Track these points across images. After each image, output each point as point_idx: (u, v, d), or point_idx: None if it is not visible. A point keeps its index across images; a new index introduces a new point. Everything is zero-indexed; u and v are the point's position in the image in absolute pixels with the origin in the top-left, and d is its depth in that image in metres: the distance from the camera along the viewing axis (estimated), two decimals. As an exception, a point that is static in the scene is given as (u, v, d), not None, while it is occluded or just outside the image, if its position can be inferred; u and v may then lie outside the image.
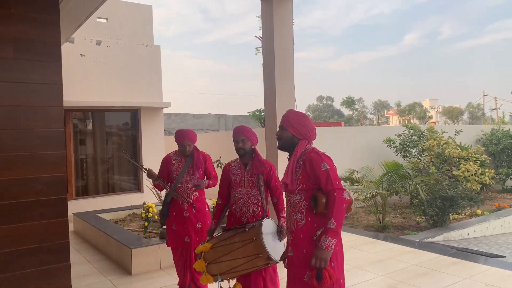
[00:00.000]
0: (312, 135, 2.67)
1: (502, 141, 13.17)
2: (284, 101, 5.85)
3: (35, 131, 2.82)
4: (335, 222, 2.35)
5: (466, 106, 71.93)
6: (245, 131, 3.43)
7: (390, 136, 11.53)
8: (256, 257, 2.93)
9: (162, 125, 11.01)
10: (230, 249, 3.01)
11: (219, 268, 3.04)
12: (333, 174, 2.46)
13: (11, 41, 2.73)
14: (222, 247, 3.06)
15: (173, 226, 4.06)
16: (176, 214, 4.05)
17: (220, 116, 25.79)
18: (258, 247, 2.91)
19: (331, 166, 2.49)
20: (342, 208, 2.38)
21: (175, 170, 4.08)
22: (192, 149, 4.08)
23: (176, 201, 4.06)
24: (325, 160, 2.50)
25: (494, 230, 9.09)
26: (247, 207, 3.37)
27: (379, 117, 73.41)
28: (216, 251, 3.07)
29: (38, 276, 2.82)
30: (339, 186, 2.43)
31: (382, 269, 5.11)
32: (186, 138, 4.01)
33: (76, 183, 9.91)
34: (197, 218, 4.02)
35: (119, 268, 5.52)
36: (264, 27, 6.06)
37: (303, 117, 2.69)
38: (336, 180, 2.45)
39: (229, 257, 3.00)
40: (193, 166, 4.04)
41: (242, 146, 3.39)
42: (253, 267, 2.99)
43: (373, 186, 8.29)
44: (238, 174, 3.46)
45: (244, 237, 3.00)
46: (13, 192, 2.74)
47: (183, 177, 4.03)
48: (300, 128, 2.63)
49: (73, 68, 9.32)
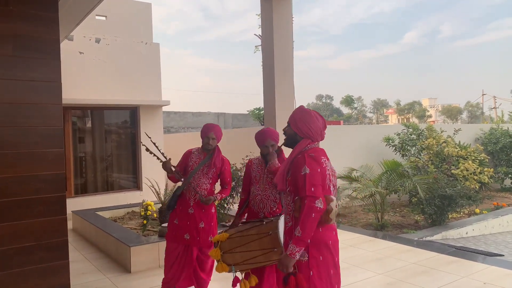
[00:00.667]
0: (315, 135, 2.57)
1: (501, 140, 13.19)
2: (284, 99, 5.85)
3: (34, 128, 2.81)
4: (300, 230, 2.29)
5: (465, 105, 72.08)
6: (274, 135, 3.47)
7: (389, 135, 11.54)
8: (271, 251, 2.96)
9: (161, 123, 11.00)
10: (246, 241, 3.05)
11: (234, 259, 3.08)
12: (310, 179, 2.36)
13: (10, 38, 2.72)
14: (238, 238, 3.09)
15: (175, 220, 4.02)
16: (181, 209, 4.01)
17: (220, 114, 25.79)
18: (274, 241, 2.94)
19: (312, 171, 2.38)
20: (310, 216, 2.29)
21: (191, 164, 4.03)
22: (214, 146, 4.03)
23: (184, 196, 4.02)
24: (308, 163, 2.40)
25: (493, 229, 9.11)
26: (264, 204, 3.42)
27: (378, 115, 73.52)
28: (233, 241, 3.11)
29: (37, 273, 2.82)
30: (312, 193, 2.33)
31: (381, 268, 5.11)
32: (212, 130, 3.97)
33: (75, 181, 9.90)
34: (201, 217, 3.97)
35: (118, 266, 5.52)
36: (263, 25, 6.06)
37: (307, 115, 2.60)
38: (312, 187, 2.34)
39: (244, 249, 3.04)
40: (210, 163, 4.00)
41: (272, 151, 3.45)
42: (267, 260, 3.02)
43: (372, 185, 8.30)
44: (258, 171, 3.51)
45: (260, 230, 3.04)
46: (12, 190, 2.74)
47: (197, 173, 3.99)
48: (302, 126, 2.56)
49: (72, 65, 9.30)
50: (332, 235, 2.49)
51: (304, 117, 2.58)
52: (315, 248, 2.39)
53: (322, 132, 2.62)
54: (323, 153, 2.56)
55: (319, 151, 2.53)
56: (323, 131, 2.62)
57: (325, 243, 2.41)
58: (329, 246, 2.43)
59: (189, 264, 3.98)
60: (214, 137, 3.98)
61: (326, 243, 2.41)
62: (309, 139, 2.56)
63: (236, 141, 11.05)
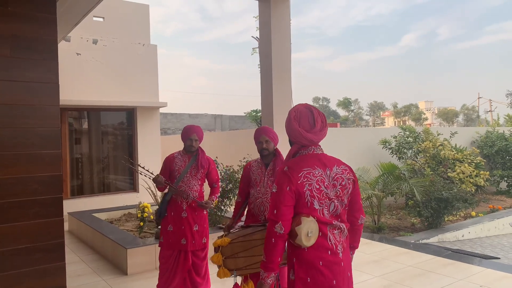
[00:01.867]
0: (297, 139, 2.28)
1: (497, 143, 13.25)
2: (281, 101, 5.85)
3: (31, 129, 2.80)
4: (264, 255, 2.19)
5: (461, 108, 72.38)
6: (269, 132, 3.44)
7: (385, 138, 11.57)
8: None
9: (158, 124, 10.99)
10: (249, 246, 3.00)
11: (236, 264, 3.04)
12: (274, 200, 2.17)
13: (8, 39, 2.72)
14: (240, 243, 3.05)
15: (169, 227, 3.98)
16: (174, 215, 3.98)
17: (217, 116, 25.79)
18: None
19: (279, 190, 2.15)
20: (270, 241, 2.15)
21: (177, 169, 4.00)
22: (197, 147, 4.03)
23: (175, 201, 3.99)
24: (278, 181, 2.18)
25: (489, 232, 9.15)
26: (265, 207, 3.40)
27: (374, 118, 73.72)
28: (235, 246, 3.06)
29: (33, 275, 2.80)
30: (273, 216, 2.14)
31: (378, 270, 5.12)
32: (193, 132, 3.97)
33: (71, 183, 9.86)
34: (194, 220, 3.98)
35: (114, 268, 5.50)
36: (261, 27, 6.07)
37: (287, 119, 2.35)
38: (274, 208, 2.14)
39: (247, 254, 3.00)
40: (197, 165, 4.00)
41: (266, 147, 3.41)
42: None
43: (368, 187, 8.32)
44: (259, 173, 3.48)
45: (264, 235, 3.03)
46: (9, 191, 2.72)
47: (185, 176, 3.98)
48: (287, 131, 2.36)
49: (69, 67, 9.28)
50: (324, 256, 2.16)
51: (286, 122, 2.36)
52: (302, 269, 2.17)
53: (306, 135, 2.24)
54: (311, 163, 2.20)
55: (300, 162, 2.21)
56: (307, 133, 2.24)
57: (312, 264, 2.15)
58: (318, 267, 2.14)
59: (182, 270, 3.96)
60: (196, 138, 3.98)
61: (313, 264, 2.15)
62: (296, 144, 2.31)
63: (233, 143, 11.05)
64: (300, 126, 2.26)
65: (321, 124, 2.30)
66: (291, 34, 6.10)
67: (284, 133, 2.58)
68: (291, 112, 2.34)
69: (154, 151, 10.46)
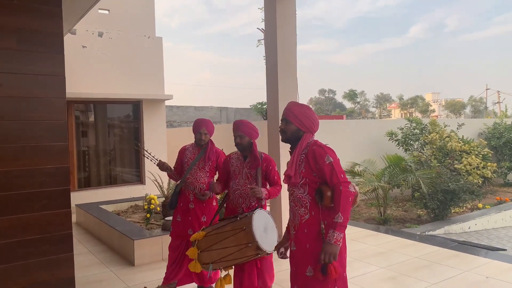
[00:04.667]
0: (315, 127, 2.63)
1: (505, 135, 13.14)
2: (287, 94, 5.83)
3: (38, 122, 2.82)
4: (342, 216, 2.33)
5: (468, 99, 71.69)
6: (242, 126, 3.42)
7: (392, 130, 11.51)
8: (246, 247, 2.93)
9: (164, 117, 11.02)
10: (222, 238, 3.03)
11: (211, 257, 3.06)
12: (338, 167, 2.42)
13: (14, 32, 2.72)
14: (214, 236, 3.09)
15: (178, 217, 4.10)
16: (182, 205, 4.09)
17: (222, 108, 25.77)
18: (248, 236, 2.91)
19: (335, 159, 2.45)
20: (348, 201, 2.36)
21: (187, 160, 4.10)
22: (207, 140, 4.07)
23: (184, 193, 4.10)
24: (329, 152, 2.45)
25: (495, 224, 9.11)
26: (243, 198, 3.42)
27: (381, 110, 73.27)
28: (209, 239, 3.10)
29: (41, 266, 2.84)
30: (344, 179, 2.39)
31: (384, 262, 5.13)
32: (203, 126, 4.02)
33: (78, 175, 9.94)
34: (202, 211, 4.03)
35: (122, 259, 5.56)
36: (267, 19, 6.03)
37: (307, 109, 2.65)
38: (341, 173, 2.41)
39: (220, 246, 3.02)
40: (205, 158, 4.04)
41: (240, 142, 3.41)
42: (243, 256, 2.99)
43: (374, 179, 8.30)
44: (237, 165, 3.50)
45: (235, 226, 3.03)
46: (17, 183, 2.75)
47: (193, 168, 4.04)
48: (305, 120, 2.59)
49: (75, 59, 9.31)
50: None
51: (305, 111, 2.61)
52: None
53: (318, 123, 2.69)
54: None
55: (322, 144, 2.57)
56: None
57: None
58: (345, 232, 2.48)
59: (188, 260, 4.00)
60: (206, 132, 4.02)
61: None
62: (310, 132, 2.60)
63: (239, 135, 11.04)
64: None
65: None
66: (297, 26, 6.05)
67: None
68: (306, 105, 2.71)
69: (160, 144, 10.49)
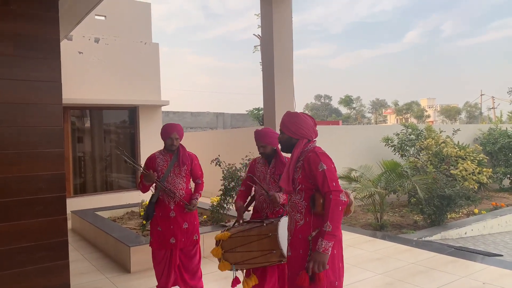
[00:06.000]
0: (310, 133, 2.64)
1: (500, 140, 13.21)
2: (283, 99, 5.85)
3: (34, 128, 2.81)
4: (331, 225, 2.34)
5: (464, 105, 72.09)
6: (264, 137, 3.47)
7: (388, 135, 11.55)
8: (270, 253, 2.98)
9: (161, 123, 10.98)
10: (247, 241, 3.07)
11: (234, 258, 3.11)
12: (330, 175, 2.42)
13: (11, 38, 2.72)
14: (239, 238, 3.12)
15: (158, 227, 3.98)
16: (162, 215, 3.97)
17: (218, 114, 25.76)
18: (273, 243, 2.96)
19: (329, 166, 2.45)
20: (338, 210, 2.36)
21: (160, 168, 3.98)
22: (178, 145, 4.01)
23: (163, 201, 3.98)
24: (323, 160, 2.46)
25: (492, 229, 9.13)
26: (267, 203, 3.44)
27: (376, 116, 73.56)
28: (234, 240, 3.13)
29: (37, 273, 2.82)
30: (336, 187, 2.40)
31: (380, 268, 5.12)
32: (174, 131, 3.94)
33: (74, 181, 9.89)
34: (183, 218, 3.97)
35: (118, 266, 5.52)
36: (263, 25, 6.06)
37: (296, 117, 2.67)
38: (333, 182, 2.41)
39: (244, 249, 3.06)
40: (179, 163, 3.98)
41: (263, 151, 3.49)
42: (266, 262, 3.04)
43: (371, 185, 8.31)
44: (262, 171, 3.55)
45: (261, 231, 3.06)
46: (13, 189, 2.73)
47: (169, 175, 3.96)
48: (294, 128, 2.62)
49: (71, 65, 9.29)
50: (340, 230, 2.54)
51: (293, 119, 2.65)
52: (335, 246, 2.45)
53: (314, 129, 2.68)
54: None
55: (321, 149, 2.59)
56: (314, 128, 2.69)
57: (338, 237, 2.45)
58: (340, 240, 2.50)
59: (174, 268, 3.98)
60: (177, 137, 3.97)
61: (339, 238, 2.47)
62: (305, 138, 2.61)
63: (235, 141, 11.05)
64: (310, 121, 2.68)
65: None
66: (294, 31, 6.08)
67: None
68: (297, 112, 2.72)
69: (156, 150, 10.43)
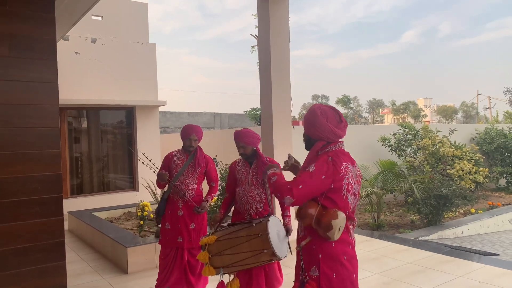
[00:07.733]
0: (325, 135, 2.31)
1: (496, 140, 13.27)
2: (280, 99, 5.85)
3: (31, 129, 2.81)
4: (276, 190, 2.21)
5: (460, 105, 72.32)
6: (243, 137, 3.48)
7: (385, 135, 11.58)
8: (261, 252, 2.96)
9: (158, 123, 10.98)
10: (235, 243, 3.04)
11: (222, 261, 3.07)
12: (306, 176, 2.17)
13: (7, 38, 2.72)
14: (227, 241, 3.09)
15: (166, 224, 4.05)
16: (171, 213, 4.05)
17: (216, 114, 25.74)
18: (264, 242, 2.94)
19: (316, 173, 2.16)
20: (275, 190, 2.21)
21: (175, 167, 4.05)
22: (196, 146, 4.08)
23: (172, 200, 4.06)
24: (317, 163, 2.20)
25: (488, 228, 9.17)
26: (250, 204, 3.45)
27: (374, 115, 73.70)
28: (221, 244, 3.10)
29: (33, 274, 2.81)
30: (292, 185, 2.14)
31: (377, 267, 5.13)
32: (193, 132, 4.01)
33: (71, 182, 9.86)
34: (191, 219, 4.01)
35: (115, 266, 5.50)
36: (260, 25, 6.06)
37: (312, 116, 2.37)
38: (300, 184, 2.14)
39: (233, 251, 3.04)
40: (195, 164, 4.03)
41: (243, 152, 3.51)
42: (257, 262, 3.02)
43: (368, 185, 8.33)
44: (243, 172, 3.55)
45: (250, 231, 3.04)
46: (9, 190, 2.73)
47: (182, 175, 4.02)
48: (310, 129, 2.37)
49: (67, 66, 9.27)
50: (347, 250, 2.27)
51: (310, 119, 2.38)
52: (327, 265, 2.21)
53: (335, 130, 2.32)
54: (347, 158, 2.30)
55: (341, 155, 2.28)
56: (336, 129, 2.32)
57: (337, 258, 2.22)
58: (343, 262, 2.23)
59: (179, 267, 4.00)
60: (196, 138, 4.03)
61: (339, 258, 2.22)
62: (321, 140, 2.33)
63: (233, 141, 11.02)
64: (328, 121, 2.33)
65: (345, 120, 2.41)
66: (291, 31, 6.08)
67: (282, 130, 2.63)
68: (315, 109, 2.39)
69: (154, 150, 10.44)
